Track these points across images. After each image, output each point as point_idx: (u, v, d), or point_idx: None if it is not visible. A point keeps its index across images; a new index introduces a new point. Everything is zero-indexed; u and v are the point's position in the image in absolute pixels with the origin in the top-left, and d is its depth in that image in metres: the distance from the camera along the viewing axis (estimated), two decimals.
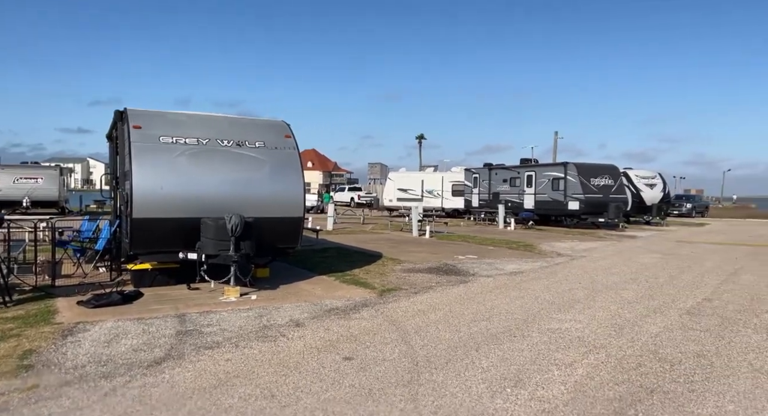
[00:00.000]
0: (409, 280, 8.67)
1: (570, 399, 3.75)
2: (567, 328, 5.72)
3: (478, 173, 28.33)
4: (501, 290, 7.91)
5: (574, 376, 4.21)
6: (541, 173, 24.06)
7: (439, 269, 9.92)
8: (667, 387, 3.97)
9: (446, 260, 11.26)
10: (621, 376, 4.21)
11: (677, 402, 3.69)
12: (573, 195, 22.10)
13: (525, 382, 4.07)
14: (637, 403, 3.67)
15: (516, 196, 25.18)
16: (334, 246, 13.32)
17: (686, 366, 4.46)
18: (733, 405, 3.64)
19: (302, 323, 5.72)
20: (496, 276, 9.26)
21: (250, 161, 7.47)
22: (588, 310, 6.62)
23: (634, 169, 27.68)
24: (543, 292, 7.82)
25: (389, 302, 6.87)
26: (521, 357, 4.67)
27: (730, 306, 6.91)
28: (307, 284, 8.00)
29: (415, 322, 5.87)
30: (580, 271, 10.06)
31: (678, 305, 6.94)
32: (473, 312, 6.45)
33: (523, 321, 6.00)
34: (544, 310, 6.60)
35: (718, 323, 6.01)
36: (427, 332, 5.47)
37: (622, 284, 8.56)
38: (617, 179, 23.39)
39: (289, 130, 8.17)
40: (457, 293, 7.62)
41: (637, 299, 7.38)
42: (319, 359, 4.52)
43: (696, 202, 39.43)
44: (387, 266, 10.22)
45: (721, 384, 4.04)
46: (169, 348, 4.71)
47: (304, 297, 7.05)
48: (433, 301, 7.03)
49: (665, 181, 28.44)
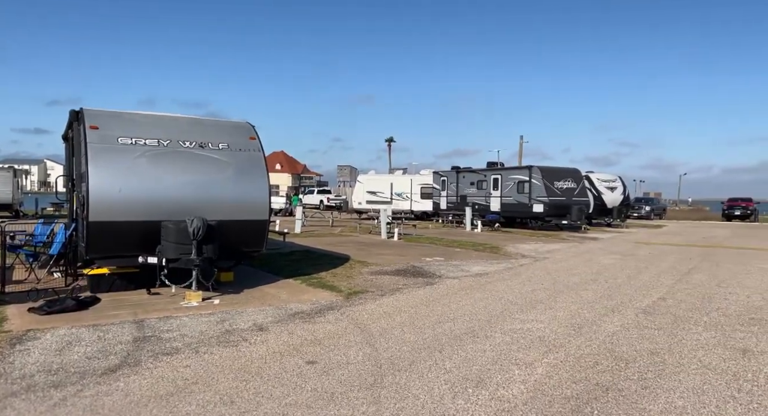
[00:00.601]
0: (376, 282, 8.68)
1: (529, 398, 3.83)
2: (529, 328, 5.83)
3: (447, 176, 28.63)
4: (466, 292, 8.00)
5: (534, 375, 4.29)
6: (507, 176, 24.51)
7: (407, 272, 9.96)
8: (621, 385, 4.09)
9: (414, 262, 11.32)
10: (578, 375, 4.32)
11: (631, 399, 3.81)
12: (537, 198, 22.59)
13: (486, 382, 4.12)
14: (593, 401, 3.78)
15: (483, 198, 25.55)
16: (301, 249, 13.20)
17: (640, 364, 4.61)
18: (682, 401, 3.79)
19: (265, 327, 5.64)
20: (461, 278, 9.37)
21: (213, 163, 7.33)
22: (549, 310, 6.76)
23: (596, 172, 28.53)
24: (507, 293, 7.95)
25: (355, 305, 6.85)
26: (483, 358, 4.74)
27: (682, 305, 7.19)
28: (272, 288, 7.90)
29: (380, 324, 5.88)
30: (543, 272, 10.28)
31: (634, 305, 7.17)
32: (438, 313, 6.50)
33: (487, 322, 6.08)
34: (507, 311, 6.71)
35: (671, 321, 6.24)
36: (392, 334, 5.48)
37: (582, 285, 8.79)
38: (580, 183, 24.05)
39: (254, 131, 8.06)
40: (423, 295, 7.66)
41: (596, 299, 7.59)
42: (282, 363, 4.47)
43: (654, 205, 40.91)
44: (354, 268, 10.20)
45: (672, 381, 4.19)
46: (125, 355, 4.56)
47: (268, 301, 6.96)
48: (399, 303, 7.05)
49: (625, 184, 29.43)
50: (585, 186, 24.70)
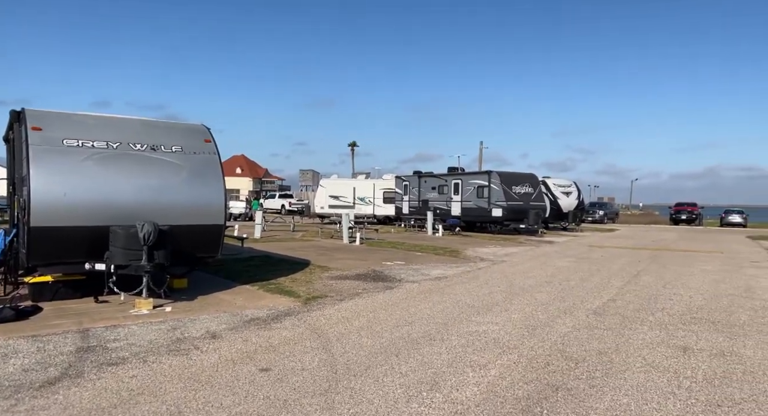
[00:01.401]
0: (336, 287, 8.62)
1: (482, 399, 3.88)
2: (484, 330, 5.92)
3: (409, 181, 28.83)
4: (425, 295, 8.06)
5: (488, 377, 4.35)
6: (467, 181, 24.92)
7: (367, 276, 9.95)
8: (570, 384, 4.21)
9: (374, 266, 11.32)
10: (530, 375, 4.41)
11: (579, 398, 3.92)
12: (496, 202, 23.05)
13: (441, 385, 4.15)
14: (543, 401, 3.86)
15: (444, 203, 25.86)
16: (260, 254, 12.97)
17: (589, 363, 4.75)
18: (627, 398, 3.92)
19: (219, 334, 5.50)
20: (421, 282, 9.43)
21: (165, 166, 7.12)
22: (505, 312, 6.89)
23: (552, 178, 29.39)
24: (464, 296, 8.05)
25: (313, 311, 6.78)
26: (439, 361, 4.77)
27: (630, 306, 7.48)
28: (227, 295, 7.72)
29: (338, 330, 5.84)
30: (500, 275, 10.48)
31: (586, 306, 7.40)
32: (396, 317, 6.51)
33: (444, 325, 6.14)
34: (464, 313, 6.79)
35: (620, 321, 6.47)
36: (349, 339, 5.45)
37: (537, 287, 9.01)
38: (537, 188, 24.71)
39: (210, 134, 7.88)
40: (383, 300, 7.67)
41: (550, 300, 7.79)
42: (234, 371, 4.36)
43: (607, 209, 42.52)
44: (314, 273, 10.10)
45: (618, 379, 4.34)
46: (66, 367, 4.34)
47: (223, 308, 6.79)
48: (357, 308, 7.03)
49: (580, 189, 30.44)
50: (542, 191, 25.40)
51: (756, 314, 7.04)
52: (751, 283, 9.87)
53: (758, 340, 5.63)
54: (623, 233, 27.32)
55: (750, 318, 6.78)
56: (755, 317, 6.84)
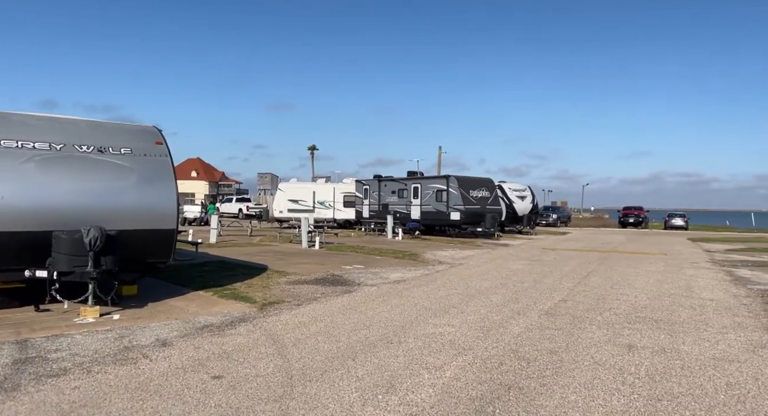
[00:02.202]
0: (294, 292, 8.52)
1: (437, 401, 3.92)
2: (441, 332, 6.00)
3: (369, 185, 28.88)
4: (383, 299, 8.08)
5: (443, 379, 4.41)
6: (426, 185, 25.20)
7: (326, 280, 9.89)
8: (522, 384, 4.32)
9: (333, 270, 11.26)
10: (484, 376, 4.50)
11: (529, 397, 4.02)
12: (455, 206, 23.42)
13: (396, 388, 4.17)
14: (496, 400, 3.95)
15: (404, 207, 26.04)
16: (215, 260, 12.67)
17: (540, 363, 4.89)
18: (575, 396, 4.06)
19: (170, 342, 5.33)
20: (380, 285, 9.46)
21: (113, 169, 6.85)
22: (461, 314, 7.00)
23: (508, 182, 30.15)
24: (422, 299, 8.13)
25: (270, 316, 6.68)
26: (395, 363, 4.80)
27: (580, 306, 7.75)
28: (180, 301, 7.49)
29: (294, 335, 5.77)
30: (457, 278, 10.64)
31: (538, 307, 7.62)
32: (354, 321, 6.50)
33: (401, 328, 6.18)
34: (422, 316, 6.86)
35: (570, 321, 6.70)
36: (306, 344, 5.40)
37: (492, 289, 9.20)
38: (493, 192, 25.28)
39: (161, 136, 7.64)
40: (341, 304, 7.64)
41: (504, 302, 7.98)
42: (185, 380, 4.24)
43: (560, 213, 44.00)
44: (272, 278, 9.95)
45: (567, 378, 4.49)
46: (0, 380, 4.10)
47: (175, 315, 6.59)
48: (315, 313, 6.97)
49: (534, 193, 31.36)
50: (498, 195, 26.01)
51: (694, 312, 7.44)
52: (690, 283, 10.43)
53: (696, 337, 5.96)
54: (575, 235, 28.30)
55: (689, 316, 7.16)
56: (693, 315, 7.23)
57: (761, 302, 8.26)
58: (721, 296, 8.88)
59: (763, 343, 5.70)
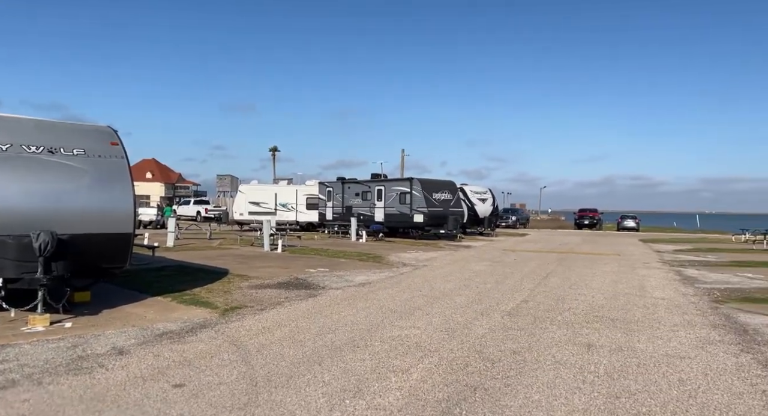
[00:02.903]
0: (257, 297, 8.36)
1: (404, 404, 3.93)
2: (407, 335, 6.02)
3: (332, 187, 28.73)
4: (349, 302, 8.05)
5: (410, 381, 4.42)
6: (390, 187, 25.30)
7: (289, 284, 9.76)
8: (488, 384, 4.38)
9: (297, 274, 11.13)
10: (450, 377, 4.54)
11: (495, 397, 4.09)
12: (418, 208, 23.61)
13: (364, 392, 4.15)
14: (462, 402, 3.99)
15: (367, 209, 26.05)
16: (173, 264, 12.29)
17: (504, 363, 4.98)
18: (538, 395, 4.16)
19: (127, 350, 5.12)
20: (345, 288, 9.41)
21: (65, 170, 6.53)
22: (426, 316, 7.05)
23: (470, 185, 30.67)
24: (388, 301, 8.14)
25: (232, 322, 6.53)
26: (362, 367, 4.78)
27: (541, 307, 7.95)
28: (137, 307, 7.22)
29: (258, 341, 5.66)
30: (421, 280, 10.72)
31: (501, 308, 7.77)
32: (320, 325, 6.44)
33: (367, 331, 6.16)
34: (387, 319, 6.86)
35: (531, 322, 6.86)
36: (271, 350, 5.30)
37: (456, 291, 9.32)
38: (455, 194, 25.65)
39: (117, 136, 7.35)
40: (306, 308, 7.55)
41: (468, 303, 8.09)
42: (144, 389, 4.08)
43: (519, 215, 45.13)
44: (233, 283, 9.74)
45: (530, 377, 4.59)
46: None
47: (132, 322, 6.34)
48: (279, 317, 6.86)
49: (495, 196, 32.02)
50: (460, 197, 26.40)
51: (648, 311, 7.76)
52: (643, 283, 10.88)
53: (650, 335, 6.21)
54: (533, 237, 29.06)
55: (643, 314, 7.47)
56: (647, 313, 7.55)
57: (708, 301, 8.70)
58: (672, 295, 9.30)
59: (710, 340, 6.00)
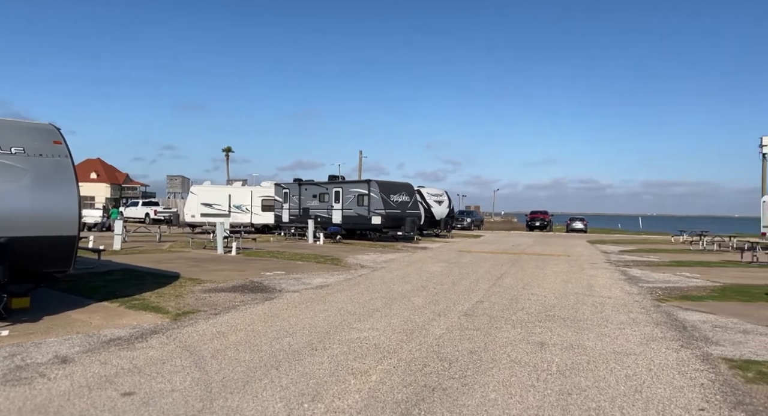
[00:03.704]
0: (210, 301, 8.13)
1: (363, 406, 3.92)
2: (365, 337, 6.01)
3: (289, 189, 28.37)
4: (306, 305, 7.96)
5: (369, 383, 4.42)
6: (348, 189, 25.24)
7: (245, 287, 9.55)
8: (446, 384, 4.44)
9: (252, 277, 10.91)
10: (409, 378, 4.57)
11: (453, 397, 4.15)
12: (376, 210, 23.67)
13: (323, 395, 4.12)
14: (421, 402, 4.02)
15: (325, 211, 25.87)
16: (120, 268, 11.77)
17: (461, 363, 5.06)
18: (494, 394, 4.25)
19: (71, 358, 4.86)
20: (302, 291, 9.30)
21: (2, 170, 6.13)
22: (384, 318, 7.07)
23: (426, 187, 31.06)
24: (346, 303, 8.11)
25: (185, 327, 6.32)
26: (321, 370, 4.73)
27: (496, 306, 8.14)
28: (81, 314, 6.86)
29: (212, 346, 5.50)
30: (379, 281, 10.74)
31: (458, 308, 7.90)
32: (277, 329, 6.33)
33: (326, 334, 6.11)
34: (346, 321, 6.83)
35: (487, 321, 7.01)
36: (226, 355, 5.17)
37: (414, 292, 9.40)
38: (412, 196, 25.89)
39: (60, 135, 6.96)
40: (262, 311, 7.41)
41: (425, 304, 8.18)
42: (90, 399, 3.88)
43: (474, 217, 46.09)
44: (185, 287, 9.43)
45: (486, 376, 4.68)
46: None
47: (76, 329, 6.02)
48: (234, 321, 6.70)
49: (450, 198, 32.59)
50: (417, 199, 26.67)
51: (596, 309, 8.09)
52: (591, 282, 11.34)
53: (598, 332, 6.48)
54: (488, 238, 29.72)
55: (592, 313, 7.78)
56: (595, 312, 7.87)
57: (651, 299, 9.17)
58: (618, 294, 9.74)
59: (653, 337, 6.32)
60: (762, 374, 4.81)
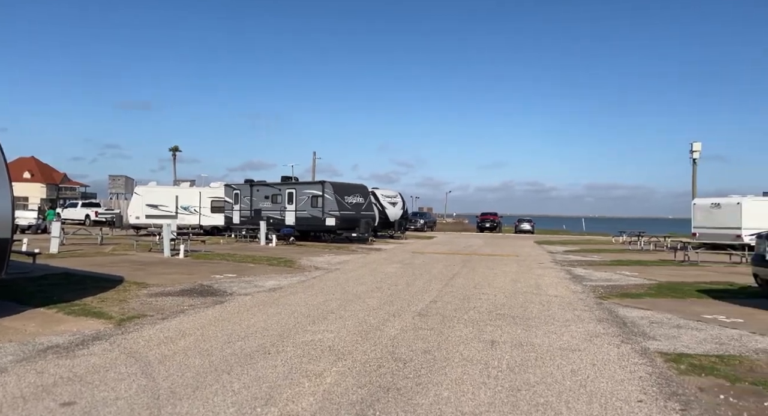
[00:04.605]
0: (157, 305, 7.83)
1: (318, 409, 3.89)
2: (320, 339, 5.97)
3: (240, 190, 27.76)
4: (259, 308, 7.81)
5: (323, 385, 4.39)
6: (302, 190, 24.99)
7: (194, 291, 9.26)
8: (400, 384, 4.48)
9: (202, 280, 10.60)
10: (364, 379, 4.58)
11: (407, 396, 4.19)
12: (330, 212, 23.55)
13: (276, 399, 4.05)
14: (376, 402, 4.04)
15: (278, 212, 25.49)
16: (58, 272, 11.13)
17: (416, 362, 5.12)
18: (447, 392, 4.32)
19: (3, 368, 4.55)
20: (254, 294, 9.12)
21: None
22: (339, 319, 7.05)
23: (381, 189, 31.21)
24: (300, 306, 8.02)
25: (129, 333, 6.05)
26: (274, 374, 4.66)
27: (449, 306, 8.29)
28: (14, 321, 6.44)
29: (160, 351, 5.30)
30: (334, 283, 10.70)
31: (412, 309, 7.98)
32: (228, 333, 6.18)
33: (279, 337, 6.02)
34: (300, 323, 6.76)
35: (440, 321, 7.12)
36: (174, 360, 4.99)
37: (369, 293, 9.42)
38: (367, 198, 25.95)
39: None
40: (212, 315, 7.21)
41: (380, 305, 8.21)
42: (26, 410, 3.65)
43: (427, 218, 46.80)
44: (130, 291, 9.04)
45: (440, 375, 4.76)
46: None
47: (9, 337, 5.64)
48: (183, 326, 6.48)
49: (404, 200, 32.90)
50: (371, 201, 26.75)
51: (543, 307, 8.39)
52: (539, 281, 11.75)
53: (546, 330, 6.72)
54: (440, 239, 30.21)
55: (539, 311, 8.06)
56: (543, 310, 8.16)
57: (594, 297, 9.60)
58: (563, 292, 10.14)
59: (597, 333, 6.63)
60: (693, 366, 5.14)
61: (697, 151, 34.16)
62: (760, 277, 8.72)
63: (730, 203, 23.29)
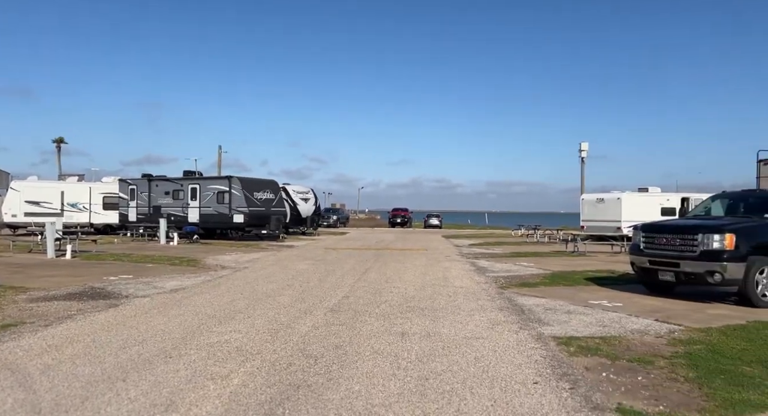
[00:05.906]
0: (38, 311, 7.07)
1: (224, 411, 3.74)
2: (227, 340, 5.74)
3: (136, 185, 25.86)
4: (159, 310, 7.33)
5: (230, 387, 4.22)
6: (206, 185, 23.83)
7: (83, 295, 8.47)
8: (311, 381, 4.43)
9: (92, 282, 9.73)
10: (273, 378, 4.47)
11: (318, 393, 4.16)
12: (238, 208, 22.70)
13: (178, 404, 3.83)
14: (286, 401, 3.96)
15: (180, 209, 24.09)
16: None
17: (327, 358, 5.10)
18: (358, 386, 4.35)
19: None
20: (153, 296, 8.55)
21: None
22: (248, 319, 6.82)
23: (292, 184, 30.69)
24: (205, 307, 7.65)
25: (4, 342, 5.40)
26: (176, 378, 4.40)
27: (360, 301, 8.35)
28: None
29: (42, 361, 4.78)
30: (242, 282, 10.33)
31: (324, 305, 7.94)
32: (123, 338, 5.73)
33: (182, 340, 5.70)
34: (205, 325, 6.45)
35: (352, 316, 7.16)
36: (60, 370, 4.53)
37: (279, 291, 9.22)
38: (277, 194, 25.36)
39: None
40: (105, 320, 6.65)
41: (291, 303, 8.07)
42: None
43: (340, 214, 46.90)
44: (5, 296, 8.08)
45: (351, 369, 4.78)
46: None
47: None
48: (70, 332, 5.91)
49: (317, 196, 32.63)
50: (282, 197, 26.19)
51: (450, 299, 8.75)
52: (446, 274, 12.23)
53: (452, 320, 7.01)
54: (353, 235, 30.38)
55: (446, 302, 8.39)
56: (449, 301, 8.51)
57: (496, 288, 10.19)
58: (468, 283, 10.65)
59: (498, 321, 7.04)
60: (581, 348, 5.64)
61: (585, 150, 37.39)
62: (636, 265, 9.76)
63: (611, 198, 25.87)
